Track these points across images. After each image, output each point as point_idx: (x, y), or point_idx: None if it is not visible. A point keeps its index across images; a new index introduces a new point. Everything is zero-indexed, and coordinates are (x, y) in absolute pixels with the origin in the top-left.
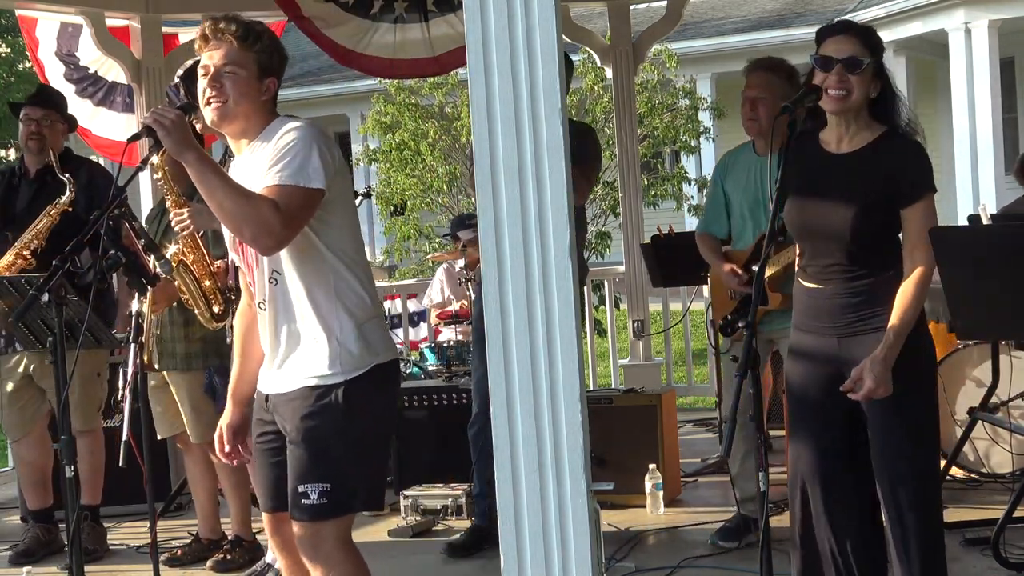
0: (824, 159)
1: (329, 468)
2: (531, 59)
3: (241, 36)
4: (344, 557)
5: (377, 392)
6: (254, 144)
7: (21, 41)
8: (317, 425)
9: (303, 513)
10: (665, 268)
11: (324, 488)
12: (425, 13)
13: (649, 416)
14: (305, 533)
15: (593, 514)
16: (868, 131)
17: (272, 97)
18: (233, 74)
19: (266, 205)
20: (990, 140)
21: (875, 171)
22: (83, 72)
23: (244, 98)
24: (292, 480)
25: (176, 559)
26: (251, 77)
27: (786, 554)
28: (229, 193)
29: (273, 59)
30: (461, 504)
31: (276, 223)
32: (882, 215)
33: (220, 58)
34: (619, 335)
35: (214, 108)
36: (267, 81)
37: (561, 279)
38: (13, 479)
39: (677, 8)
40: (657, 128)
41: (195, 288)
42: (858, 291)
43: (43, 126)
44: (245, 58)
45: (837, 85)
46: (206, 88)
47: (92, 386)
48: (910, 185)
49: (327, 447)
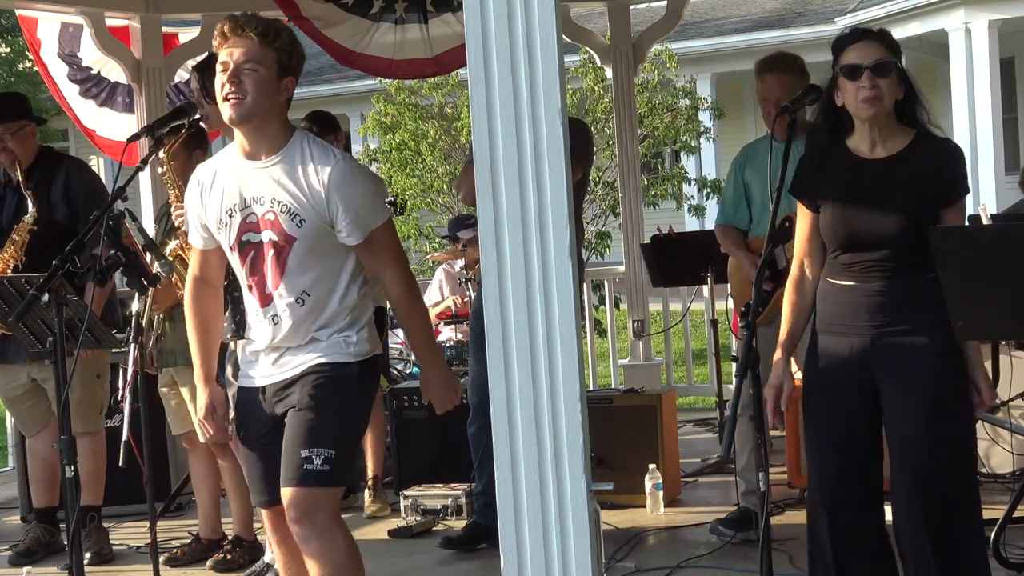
0: (860, 166)
1: (335, 436)
2: (531, 59)
3: (262, 34)
4: (337, 531)
5: (372, 379)
6: (273, 159)
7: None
8: (329, 394)
9: (304, 478)
10: (665, 268)
11: (329, 454)
12: (424, 13)
13: (649, 416)
14: (302, 502)
15: (593, 514)
16: (901, 135)
17: (289, 98)
18: (253, 71)
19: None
20: (990, 140)
21: (920, 173)
22: (86, 73)
23: (263, 96)
24: (294, 446)
25: (176, 559)
26: (271, 75)
27: (786, 554)
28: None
29: (292, 59)
30: (461, 504)
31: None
32: (929, 217)
33: (240, 55)
34: (619, 335)
35: (232, 104)
36: (285, 80)
37: (561, 279)
38: (13, 479)
39: (677, 8)
40: (657, 128)
41: None
42: (898, 290)
43: (7, 140)
44: (265, 56)
45: (870, 91)
46: (224, 84)
47: (93, 388)
48: (953, 185)
49: (337, 415)
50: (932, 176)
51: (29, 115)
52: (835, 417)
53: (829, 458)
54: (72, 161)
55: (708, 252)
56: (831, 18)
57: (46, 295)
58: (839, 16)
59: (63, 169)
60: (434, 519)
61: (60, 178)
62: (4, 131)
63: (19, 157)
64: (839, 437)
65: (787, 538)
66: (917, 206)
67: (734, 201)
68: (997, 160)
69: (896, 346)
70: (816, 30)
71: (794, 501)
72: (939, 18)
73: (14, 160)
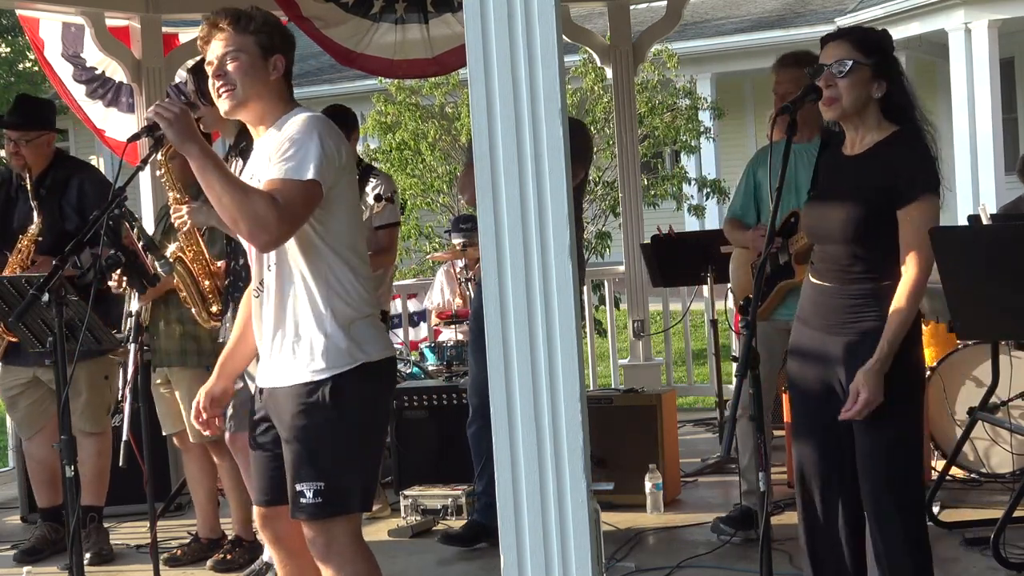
0: (838, 163)
1: (322, 467)
2: (531, 59)
3: (234, 22)
4: (354, 557)
5: (366, 389)
6: (269, 131)
7: (21, 41)
8: (307, 424)
9: (301, 512)
10: (665, 268)
11: (318, 487)
12: (424, 13)
13: (649, 416)
14: (312, 534)
15: (593, 514)
16: (877, 132)
17: (283, 76)
18: (235, 60)
19: (263, 200)
20: (990, 140)
21: (875, 171)
22: (91, 73)
23: (251, 80)
24: (289, 480)
25: (176, 559)
26: (254, 58)
27: (786, 554)
28: (227, 188)
29: (274, 38)
30: (461, 504)
31: (273, 219)
32: (883, 217)
33: (220, 48)
34: (619, 335)
35: (225, 96)
36: (272, 59)
37: (561, 279)
38: (13, 479)
39: (677, 8)
40: (657, 128)
41: (192, 286)
42: (856, 294)
43: (20, 145)
44: (243, 41)
45: (827, 91)
46: (214, 81)
47: (101, 388)
48: (906, 184)
49: (318, 446)
50: (888, 173)
51: (49, 125)
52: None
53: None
54: (86, 170)
55: (708, 252)
56: (831, 18)
57: (46, 295)
58: (839, 16)
59: (76, 179)
60: (434, 519)
61: (73, 188)
62: (20, 137)
63: (30, 163)
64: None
65: (787, 538)
66: (867, 203)
67: (744, 200)
68: (997, 160)
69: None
70: (816, 30)
71: (794, 501)
72: (939, 18)
73: (25, 165)
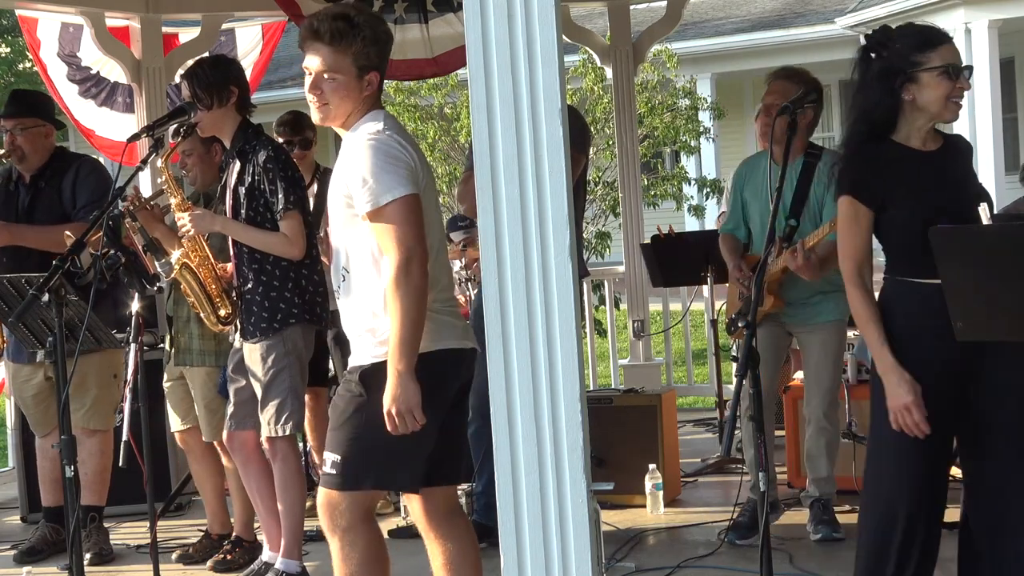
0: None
1: (341, 443)
2: (531, 59)
3: (334, 40)
4: (358, 536)
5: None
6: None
7: (21, 41)
8: (337, 403)
9: (322, 479)
10: (665, 268)
11: (335, 459)
12: (424, 14)
13: (649, 416)
14: (324, 501)
15: (593, 514)
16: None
17: (376, 90)
18: (332, 80)
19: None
20: (990, 140)
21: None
22: (85, 73)
23: (345, 100)
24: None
25: (189, 556)
26: (350, 79)
27: (786, 554)
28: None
29: (371, 55)
30: (461, 504)
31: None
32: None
33: (318, 64)
34: (619, 335)
35: (317, 109)
36: (367, 77)
37: (561, 279)
38: (13, 479)
39: (677, 8)
40: (657, 128)
41: (200, 291)
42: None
43: (16, 136)
44: (341, 62)
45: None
46: (310, 91)
47: (110, 387)
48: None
49: (341, 423)
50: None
51: (44, 116)
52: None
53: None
54: (85, 161)
55: (708, 252)
56: (831, 18)
57: (46, 295)
58: (839, 16)
59: (73, 168)
60: None
61: (69, 176)
62: (15, 126)
63: (28, 154)
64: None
65: (787, 538)
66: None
67: (735, 217)
68: (997, 160)
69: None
70: (816, 30)
71: (794, 501)
72: (939, 18)
73: (22, 156)
